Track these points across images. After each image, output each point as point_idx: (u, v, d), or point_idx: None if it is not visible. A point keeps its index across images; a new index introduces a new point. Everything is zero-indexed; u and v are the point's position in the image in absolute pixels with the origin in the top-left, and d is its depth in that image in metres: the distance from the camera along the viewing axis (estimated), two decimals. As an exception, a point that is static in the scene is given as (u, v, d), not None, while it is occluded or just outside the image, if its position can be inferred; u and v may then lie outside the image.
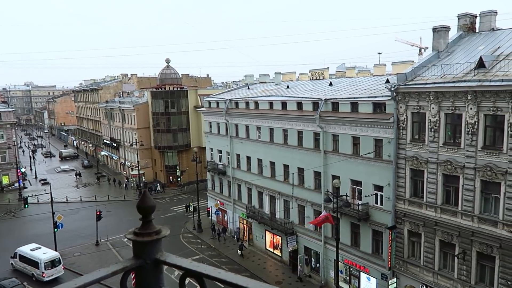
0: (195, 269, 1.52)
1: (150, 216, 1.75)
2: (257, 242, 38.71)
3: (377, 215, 25.84)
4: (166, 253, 1.69)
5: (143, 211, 1.74)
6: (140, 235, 1.69)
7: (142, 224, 1.74)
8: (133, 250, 1.70)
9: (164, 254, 1.67)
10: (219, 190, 44.42)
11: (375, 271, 26.36)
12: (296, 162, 32.17)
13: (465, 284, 21.43)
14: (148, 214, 1.74)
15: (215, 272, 1.46)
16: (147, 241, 1.67)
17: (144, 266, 1.65)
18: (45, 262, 31.68)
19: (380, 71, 34.93)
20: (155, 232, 1.71)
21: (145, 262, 1.65)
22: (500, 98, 18.84)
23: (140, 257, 1.66)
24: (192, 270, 1.53)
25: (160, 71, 64.41)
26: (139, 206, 1.74)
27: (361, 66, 54.72)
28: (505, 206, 19.20)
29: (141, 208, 1.74)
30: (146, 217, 1.74)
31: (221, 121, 41.87)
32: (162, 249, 1.70)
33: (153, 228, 1.72)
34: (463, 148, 20.62)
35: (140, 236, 1.69)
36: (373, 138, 25.61)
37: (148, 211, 1.74)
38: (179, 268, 1.58)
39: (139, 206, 1.74)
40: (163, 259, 1.65)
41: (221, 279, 1.44)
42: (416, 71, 23.69)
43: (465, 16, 25.95)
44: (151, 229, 1.71)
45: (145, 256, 1.66)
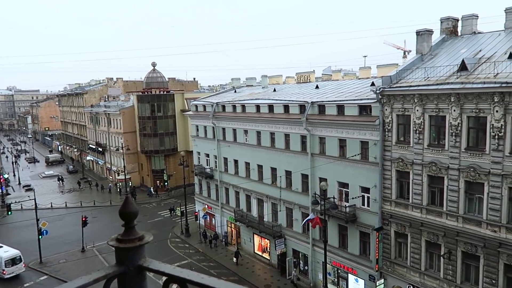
0: (178, 274, 1.51)
1: (133, 222, 1.74)
2: (245, 245, 38.62)
3: (364, 217, 26.04)
4: (149, 259, 1.68)
5: (126, 217, 1.72)
6: (122, 242, 1.68)
7: (124, 230, 1.72)
8: (116, 256, 1.68)
9: (147, 260, 1.66)
10: (207, 194, 44.24)
11: (363, 272, 26.53)
12: (284, 165, 32.25)
13: (451, 283, 21.72)
14: (131, 220, 1.72)
15: (198, 278, 1.46)
16: (130, 247, 1.65)
17: (127, 272, 1.63)
18: (5, 260, 33.11)
19: (366, 74, 35.31)
20: (138, 238, 1.69)
21: (128, 269, 1.63)
22: (482, 100, 19.22)
23: (123, 263, 1.64)
24: (175, 276, 1.52)
25: (146, 75, 64.01)
26: (121, 212, 1.72)
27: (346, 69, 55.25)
28: (489, 206, 19.55)
29: (124, 214, 1.72)
30: (128, 223, 1.72)
31: (208, 125, 41.76)
32: (146, 255, 1.69)
33: (136, 234, 1.71)
34: (447, 149, 20.96)
35: (122, 243, 1.67)
36: (359, 140, 25.85)
37: (130, 217, 1.72)
38: (163, 274, 1.57)
39: (121, 212, 1.72)
40: (146, 265, 1.63)
41: (204, 284, 1.43)
42: (401, 74, 24.02)
43: (447, 20, 26.45)
44: (134, 235, 1.69)
45: (128, 263, 1.64)
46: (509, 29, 23.44)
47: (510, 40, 22.27)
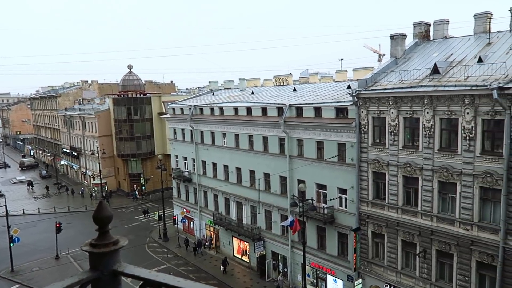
0: (154, 278, 1.49)
1: (107, 226, 1.71)
2: (225, 248, 38.44)
3: (342, 218, 26.37)
4: (124, 263, 1.65)
5: (100, 221, 1.69)
6: (96, 246, 1.64)
7: (98, 235, 1.69)
8: (90, 262, 1.64)
9: (122, 265, 1.63)
10: (185, 197, 43.84)
11: (341, 273, 26.84)
12: (262, 168, 32.32)
13: (426, 281, 22.22)
14: (105, 225, 1.69)
15: (174, 281, 1.44)
16: (104, 252, 1.62)
17: (101, 278, 1.60)
18: None
19: (342, 77, 35.87)
20: (113, 242, 1.66)
21: (102, 274, 1.60)
22: (454, 102, 19.81)
23: (97, 269, 1.61)
24: (150, 280, 1.49)
25: (122, 77, 63.00)
26: (95, 217, 1.69)
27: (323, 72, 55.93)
28: (461, 205, 20.13)
29: (98, 219, 1.69)
30: (102, 227, 1.69)
31: (186, 128, 41.44)
32: (120, 260, 1.66)
33: (111, 238, 1.68)
34: (421, 150, 21.48)
35: (96, 248, 1.64)
36: (336, 142, 26.18)
37: (104, 222, 1.69)
38: (138, 278, 1.55)
39: (95, 217, 1.69)
40: (121, 270, 1.60)
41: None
42: (376, 77, 24.50)
43: (420, 25, 27.17)
44: (108, 239, 1.66)
45: (102, 268, 1.61)
46: (478, 34, 24.27)
47: (479, 45, 23.06)
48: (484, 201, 19.53)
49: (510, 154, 17.93)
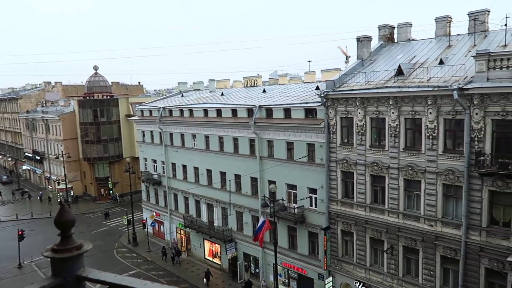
0: (119, 282, 1.45)
1: (70, 230, 1.64)
2: (196, 251, 38.07)
3: (312, 217, 26.70)
4: (89, 268, 1.60)
5: (62, 225, 1.63)
6: (59, 252, 1.58)
7: (61, 239, 1.63)
8: (52, 268, 1.58)
9: (86, 270, 1.58)
10: (155, 200, 43.09)
11: (312, 271, 27.16)
12: (233, 169, 32.25)
13: (394, 277, 22.85)
14: (67, 229, 1.63)
15: (140, 284, 1.41)
16: (67, 257, 1.57)
17: (64, 284, 1.54)
18: None
19: (311, 78, 36.37)
20: (76, 247, 1.60)
21: (66, 280, 1.54)
22: (417, 102, 20.50)
23: (59, 275, 1.55)
24: (116, 284, 1.45)
25: (87, 79, 61.36)
26: (57, 221, 1.63)
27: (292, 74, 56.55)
28: (426, 202, 20.85)
29: (59, 223, 1.63)
30: (65, 232, 1.63)
31: (155, 130, 40.77)
32: (84, 265, 1.60)
33: (74, 243, 1.62)
34: (388, 149, 22.09)
35: (59, 253, 1.58)
36: (306, 142, 26.50)
37: (67, 226, 1.63)
38: (103, 283, 1.50)
39: (57, 221, 1.63)
40: (85, 275, 1.55)
41: None
42: (343, 78, 25.00)
43: (384, 27, 27.97)
44: (71, 244, 1.61)
45: (65, 274, 1.55)
46: (439, 37, 25.25)
47: (440, 47, 24.00)
48: (447, 198, 20.31)
49: (470, 152, 18.74)
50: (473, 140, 18.57)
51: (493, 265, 18.69)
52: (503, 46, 20.45)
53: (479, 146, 18.42)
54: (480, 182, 18.70)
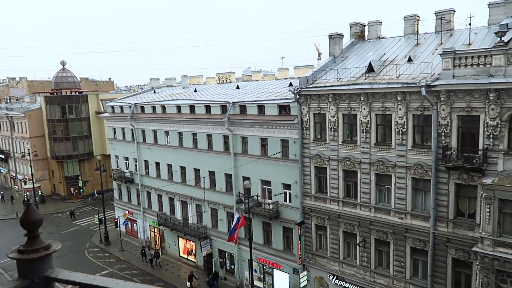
0: (90, 282, 1.41)
1: (37, 230, 1.59)
2: (170, 249, 37.69)
3: (286, 213, 26.93)
4: (58, 269, 1.55)
5: (28, 226, 1.57)
6: (25, 253, 1.52)
7: (27, 240, 1.57)
8: (18, 269, 1.52)
9: (55, 271, 1.53)
10: (127, 199, 42.32)
11: (287, 266, 27.43)
12: (207, 166, 32.07)
13: (366, 269, 23.40)
14: (34, 229, 1.57)
15: (113, 283, 1.38)
16: (34, 258, 1.51)
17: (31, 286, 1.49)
18: None
19: (284, 75, 36.56)
20: (44, 247, 1.55)
21: (33, 282, 1.49)
22: (387, 99, 20.99)
23: (26, 276, 1.49)
24: (87, 284, 1.42)
25: (54, 75, 59.32)
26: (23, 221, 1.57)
27: (266, 70, 56.60)
28: (396, 196, 21.42)
29: (26, 223, 1.57)
30: (32, 232, 1.57)
31: (127, 127, 39.97)
32: (53, 266, 1.55)
33: (41, 243, 1.56)
34: (359, 145, 22.54)
35: (25, 254, 1.52)
36: (280, 139, 26.66)
37: (34, 226, 1.57)
38: (73, 283, 1.46)
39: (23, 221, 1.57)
40: (54, 276, 1.50)
41: None
42: (316, 75, 25.27)
43: (355, 25, 28.43)
44: (38, 244, 1.55)
45: (32, 275, 1.49)
46: (407, 35, 25.90)
47: (409, 45, 24.63)
48: (416, 191, 20.94)
49: (437, 147, 19.37)
50: (440, 135, 19.21)
51: (459, 255, 19.45)
52: (468, 45, 21.21)
53: (445, 141, 19.06)
54: (447, 176, 19.38)
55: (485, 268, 17.27)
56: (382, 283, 22.73)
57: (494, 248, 16.98)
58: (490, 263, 17.11)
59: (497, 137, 17.51)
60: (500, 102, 17.23)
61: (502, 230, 16.93)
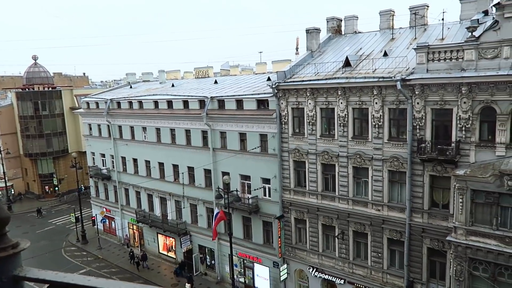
0: (61, 280, 1.38)
1: (4, 228, 1.54)
2: (149, 246, 37.34)
3: (266, 207, 27.07)
4: (27, 267, 1.50)
5: (-5, 223, 1.52)
6: None
7: (-5, 238, 1.52)
8: None
9: (24, 269, 1.48)
10: (104, 196, 41.60)
11: (267, 260, 27.62)
12: (186, 161, 31.84)
13: (345, 261, 23.81)
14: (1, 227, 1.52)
15: (84, 280, 1.35)
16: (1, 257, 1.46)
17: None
18: None
19: (262, 69, 36.55)
20: (11, 246, 1.50)
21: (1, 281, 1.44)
22: (364, 93, 21.30)
23: None
24: (58, 282, 1.38)
25: (26, 69, 57.52)
26: None
27: (244, 65, 56.51)
28: (373, 188, 21.83)
29: (-8, 221, 1.51)
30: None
31: (103, 123, 39.20)
32: (22, 264, 1.51)
33: (9, 241, 1.51)
34: (337, 139, 22.81)
35: None
36: (258, 133, 26.70)
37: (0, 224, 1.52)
38: (43, 282, 1.42)
39: None
40: (23, 275, 1.46)
41: (92, 287, 1.33)
42: (294, 69, 25.37)
43: (332, 20, 28.65)
44: (5, 243, 1.50)
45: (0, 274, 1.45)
46: (383, 30, 26.29)
47: (384, 40, 25.02)
48: (392, 183, 21.39)
49: (412, 140, 19.81)
50: (415, 128, 19.65)
51: (434, 244, 20.02)
52: (441, 40, 21.71)
53: (420, 134, 19.52)
54: (421, 168, 19.86)
55: (458, 257, 17.85)
56: (361, 273, 23.18)
57: (467, 237, 17.56)
58: (463, 251, 17.69)
59: (469, 129, 18.05)
60: (472, 96, 17.74)
61: (474, 220, 17.51)
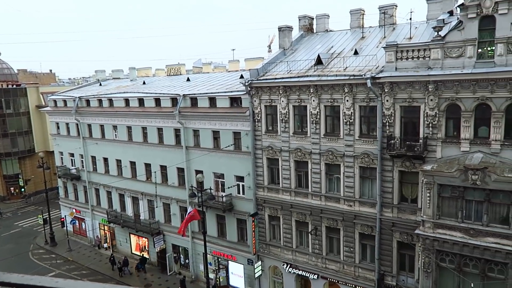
0: (27, 283, 1.34)
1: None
2: (121, 247, 36.65)
3: (240, 205, 27.09)
4: None
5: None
6: None
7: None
8: None
9: None
10: (74, 197, 40.48)
11: (242, 257, 27.67)
12: (158, 160, 31.41)
13: (318, 256, 24.17)
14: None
15: (52, 282, 1.32)
16: None
17: None
18: None
19: (235, 67, 36.48)
20: None
21: None
22: (335, 90, 21.64)
23: None
24: (23, 285, 1.34)
25: (-12, 66, 55.01)
26: None
27: (216, 62, 56.18)
28: (345, 184, 22.24)
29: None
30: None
31: (71, 121, 38.08)
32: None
33: None
34: (309, 136, 23.09)
35: None
36: (232, 131, 26.65)
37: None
38: (8, 285, 1.38)
39: None
40: None
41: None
42: (267, 67, 25.46)
43: (304, 18, 28.92)
44: None
45: None
46: (353, 29, 26.77)
47: (355, 38, 25.48)
48: (363, 179, 21.87)
49: (382, 136, 20.31)
50: (385, 125, 20.14)
51: (403, 238, 20.63)
52: (409, 39, 22.32)
53: (390, 130, 20.03)
54: (391, 164, 20.40)
55: (426, 249, 18.46)
56: (334, 268, 23.61)
57: (434, 230, 18.19)
58: (430, 244, 18.31)
59: (436, 126, 18.67)
60: (438, 93, 18.36)
61: (441, 213, 18.16)
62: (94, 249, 37.92)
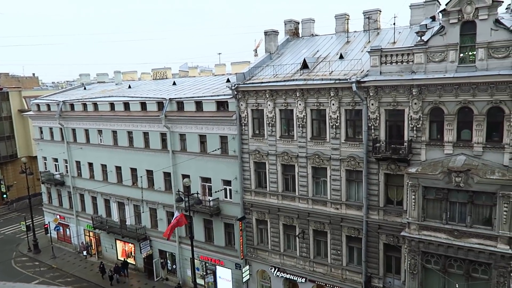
0: None
1: None
2: (107, 253, 36.12)
3: (227, 209, 26.99)
4: None
5: None
6: None
7: None
8: None
9: None
10: (58, 202, 39.78)
11: (230, 262, 27.54)
12: (144, 165, 31.12)
13: (305, 259, 24.21)
14: None
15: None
16: None
17: None
18: None
19: (221, 71, 36.48)
20: None
21: None
22: (321, 94, 21.80)
23: None
24: None
25: (-31, 70, 53.80)
26: None
27: (203, 66, 56.09)
28: (332, 187, 22.38)
29: None
30: None
31: (55, 126, 37.50)
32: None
33: None
34: (296, 139, 23.18)
35: None
36: (218, 135, 26.59)
37: None
38: None
39: None
40: None
41: None
42: (253, 71, 25.52)
43: (290, 22, 29.11)
44: None
45: None
46: (338, 33, 27.05)
47: (340, 43, 25.75)
48: (350, 182, 22.03)
49: (368, 140, 20.52)
50: (370, 128, 20.36)
51: (390, 240, 20.83)
52: (393, 43, 22.66)
53: (375, 134, 20.25)
54: (377, 166, 20.61)
55: (412, 251, 18.68)
56: (321, 271, 23.67)
57: (420, 232, 18.42)
58: (416, 245, 18.53)
59: (420, 129, 18.96)
60: (422, 97, 18.66)
61: (426, 215, 18.41)
62: (79, 256, 37.28)
